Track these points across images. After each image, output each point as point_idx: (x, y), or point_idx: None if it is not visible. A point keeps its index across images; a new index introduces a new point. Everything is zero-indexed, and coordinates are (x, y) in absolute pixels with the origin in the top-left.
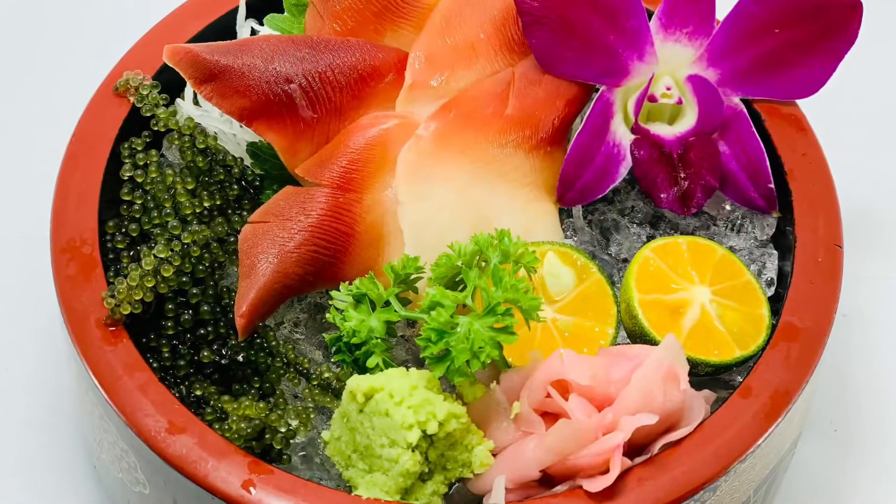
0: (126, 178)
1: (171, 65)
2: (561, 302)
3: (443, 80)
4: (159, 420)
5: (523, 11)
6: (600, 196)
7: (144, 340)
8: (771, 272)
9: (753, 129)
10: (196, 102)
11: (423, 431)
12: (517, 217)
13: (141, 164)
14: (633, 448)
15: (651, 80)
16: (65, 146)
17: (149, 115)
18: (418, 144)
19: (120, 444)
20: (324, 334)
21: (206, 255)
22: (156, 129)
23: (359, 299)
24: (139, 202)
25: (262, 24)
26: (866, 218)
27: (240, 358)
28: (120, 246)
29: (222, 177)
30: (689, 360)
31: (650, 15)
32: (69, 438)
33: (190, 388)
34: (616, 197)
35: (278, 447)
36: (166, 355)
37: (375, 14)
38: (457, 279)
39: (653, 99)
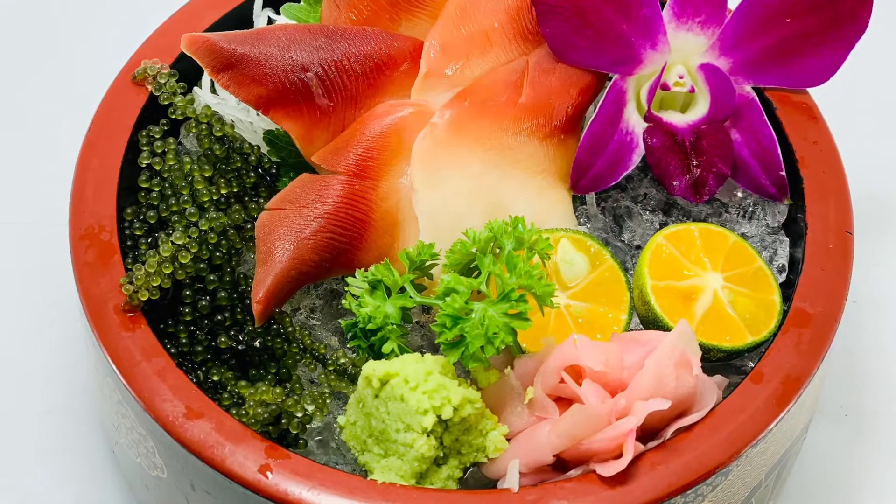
0: (144, 165)
1: (188, 54)
2: (574, 288)
3: (457, 68)
4: (177, 405)
5: (537, 1)
6: (613, 183)
7: (162, 326)
8: (782, 259)
9: (765, 117)
10: (213, 91)
11: (438, 416)
12: (531, 204)
13: (159, 151)
14: (646, 433)
15: (664, 68)
16: (83, 134)
17: (166, 103)
18: (433, 132)
19: (138, 429)
20: (340, 320)
21: (224, 241)
22: (173, 117)
23: (374, 286)
24: (157, 189)
25: (278, 13)
26: (877, 205)
27: (256, 344)
28: (138, 233)
29: (239, 164)
30: (702, 346)
31: (662, 4)
32: (88, 423)
33: (207, 373)
34: (629, 184)
35: (295, 432)
36: (184, 341)
37: (391, 3)
38: (471, 266)
39: (665, 87)
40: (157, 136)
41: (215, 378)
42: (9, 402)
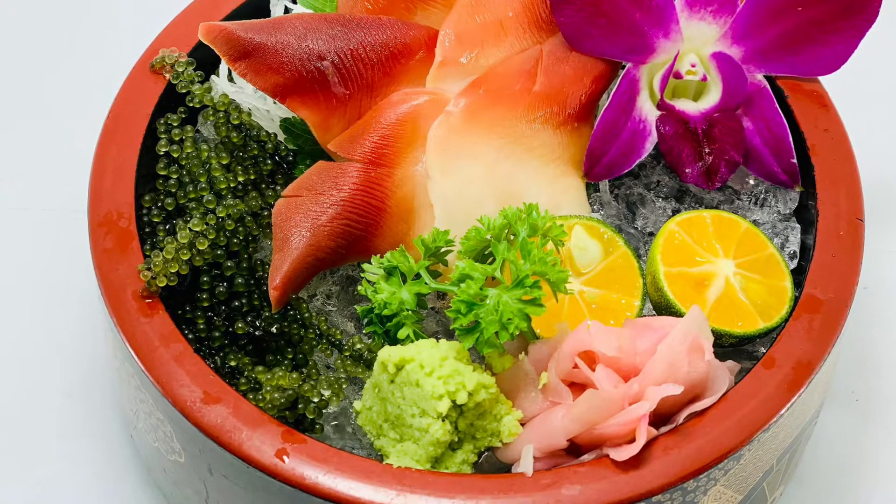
0: (162, 153)
1: (206, 42)
2: (588, 274)
3: (472, 57)
4: (194, 390)
5: None
6: (626, 171)
7: (180, 312)
8: (794, 245)
9: (776, 105)
10: (230, 79)
11: (453, 401)
12: (545, 191)
13: (176, 139)
14: (659, 418)
15: (676, 57)
16: (102, 122)
17: (184, 91)
18: (448, 120)
19: (156, 414)
20: (356, 306)
21: (241, 228)
22: (191, 105)
23: (390, 272)
24: (175, 177)
25: (295, 2)
26: (888, 192)
27: (273, 329)
28: (156, 220)
29: (256, 152)
30: (714, 332)
31: None
32: (106, 409)
33: (224, 358)
34: (642, 171)
35: (311, 417)
36: (201, 327)
37: None
38: (486, 252)
39: (678, 76)
40: (175, 124)
41: (232, 363)
42: (28, 388)
